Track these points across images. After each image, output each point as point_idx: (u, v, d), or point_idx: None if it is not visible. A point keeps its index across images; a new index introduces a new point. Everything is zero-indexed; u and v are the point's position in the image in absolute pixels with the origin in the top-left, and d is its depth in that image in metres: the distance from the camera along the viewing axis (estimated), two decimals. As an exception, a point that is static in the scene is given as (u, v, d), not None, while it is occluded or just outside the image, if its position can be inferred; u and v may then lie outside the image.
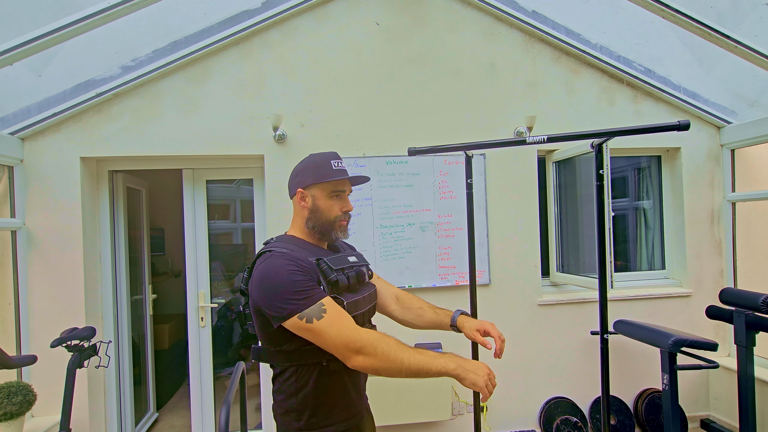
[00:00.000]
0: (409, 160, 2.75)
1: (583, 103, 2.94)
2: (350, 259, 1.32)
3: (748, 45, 2.28)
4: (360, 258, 1.39)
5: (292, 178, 1.32)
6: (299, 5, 2.64)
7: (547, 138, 1.74)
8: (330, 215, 1.27)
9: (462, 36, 2.83)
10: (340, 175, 1.27)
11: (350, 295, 1.25)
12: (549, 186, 3.08)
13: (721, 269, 3.06)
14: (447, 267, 2.78)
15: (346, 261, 1.30)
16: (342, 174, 1.28)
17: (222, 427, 1.46)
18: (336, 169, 1.28)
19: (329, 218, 1.27)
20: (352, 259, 1.33)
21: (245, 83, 2.64)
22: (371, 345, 1.08)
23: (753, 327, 2.34)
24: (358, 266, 1.33)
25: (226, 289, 3.36)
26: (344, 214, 1.30)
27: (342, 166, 1.30)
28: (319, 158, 1.30)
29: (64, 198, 2.47)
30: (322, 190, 1.27)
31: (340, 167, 1.29)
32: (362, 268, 1.32)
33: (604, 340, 1.83)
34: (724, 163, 3.05)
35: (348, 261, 1.30)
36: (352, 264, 1.31)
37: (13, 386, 2.09)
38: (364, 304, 1.30)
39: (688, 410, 2.96)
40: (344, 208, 1.30)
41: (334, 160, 1.29)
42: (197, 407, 2.86)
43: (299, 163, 1.33)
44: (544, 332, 2.88)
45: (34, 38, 1.92)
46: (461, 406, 2.80)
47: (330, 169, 1.27)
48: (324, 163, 1.28)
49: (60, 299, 2.44)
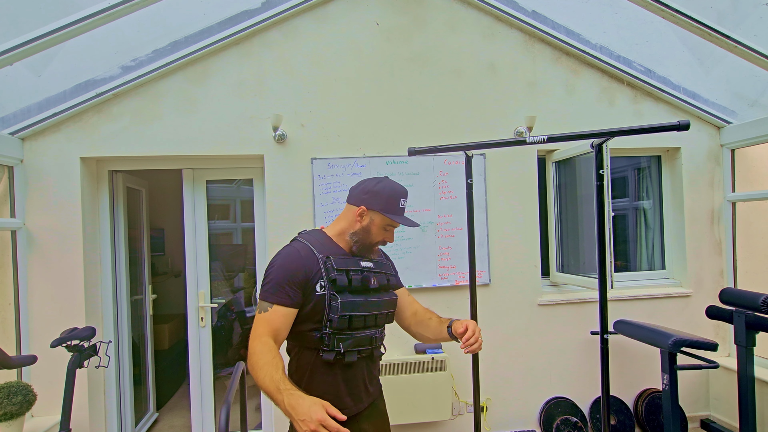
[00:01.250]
0: (409, 160, 2.75)
1: (583, 103, 2.94)
2: (363, 263, 1.39)
3: (748, 45, 2.28)
4: (381, 266, 1.45)
5: (362, 192, 1.40)
6: (299, 5, 2.64)
7: (547, 138, 1.74)
8: (375, 240, 1.40)
9: (462, 36, 2.83)
10: (401, 217, 1.40)
11: (350, 295, 1.31)
12: (549, 186, 3.08)
13: (721, 269, 3.06)
14: (447, 267, 2.78)
15: (357, 264, 1.37)
16: (402, 217, 1.41)
17: (222, 427, 1.46)
18: (400, 207, 1.41)
19: (372, 241, 1.40)
20: (366, 264, 1.39)
21: (245, 83, 2.64)
22: (252, 353, 1.18)
23: (753, 327, 2.34)
24: (370, 272, 1.38)
25: (226, 289, 3.36)
26: (383, 242, 1.42)
27: (405, 205, 1.42)
28: (391, 191, 1.39)
29: (64, 198, 2.47)
30: (382, 219, 1.39)
31: (403, 206, 1.42)
32: (370, 274, 1.37)
33: (604, 340, 1.83)
34: (724, 163, 3.05)
35: (359, 265, 1.37)
36: (362, 268, 1.37)
37: (13, 386, 2.08)
38: (368, 308, 1.34)
39: (688, 410, 2.96)
40: (388, 240, 1.42)
41: (403, 198, 1.41)
42: (197, 407, 2.86)
43: (374, 182, 1.40)
44: (544, 332, 2.88)
45: (34, 38, 1.92)
46: (461, 406, 2.80)
47: (397, 207, 1.40)
48: (395, 198, 1.40)
49: (60, 299, 2.44)
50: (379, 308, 1.38)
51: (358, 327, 1.33)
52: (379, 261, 1.47)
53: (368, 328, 1.36)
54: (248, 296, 3.56)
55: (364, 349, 1.36)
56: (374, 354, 1.44)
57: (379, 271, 1.42)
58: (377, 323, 1.39)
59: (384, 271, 1.44)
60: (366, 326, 1.35)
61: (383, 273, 1.43)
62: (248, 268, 3.54)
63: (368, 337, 1.36)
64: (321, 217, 2.67)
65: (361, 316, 1.32)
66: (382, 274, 1.42)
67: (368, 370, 1.42)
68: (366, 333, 1.35)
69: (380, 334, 1.43)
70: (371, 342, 1.37)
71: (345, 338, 1.31)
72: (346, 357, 1.31)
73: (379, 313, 1.38)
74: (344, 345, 1.30)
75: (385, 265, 1.48)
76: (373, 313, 1.35)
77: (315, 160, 2.68)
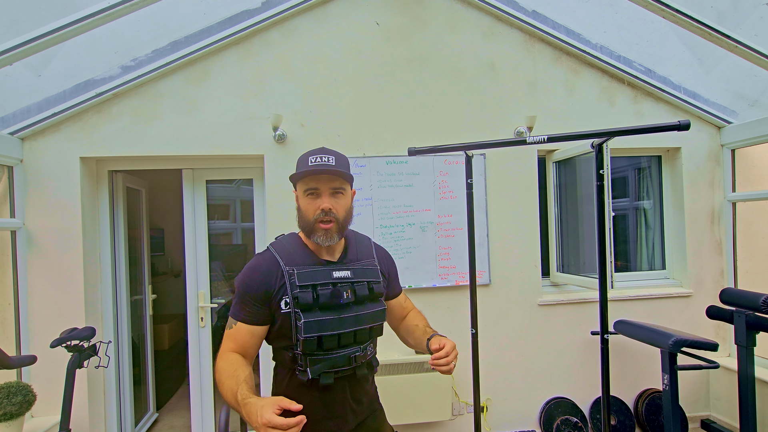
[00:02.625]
0: (409, 160, 2.75)
1: (583, 103, 2.94)
2: (336, 274, 1.21)
3: (748, 45, 2.27)
4: (364, 273, 1.26)
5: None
6: (299, 5, 2.63)
7: (547, 138, 1.74)
8: (308, 216, 1.20)
9: (462, 36, 2.83)
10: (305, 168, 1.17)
11: (319, 313, 1.16)
12: (549, 186, 3.08)
13: (721, 269, 3.05)
14: (447, 267, 2.77)
15: (327, 276, 1.20)
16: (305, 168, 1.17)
17: (222, 428, 1.45)
18: (309, 164, 1.17)
19: (308, 219, 1.20)
20: (340, 274, 1.21)
21: (245, 83, 2.64)
22: (216, 371, 1.15)
23: (753, 327, 2.33)
24: (346, 282, 1.21)
25: (226, 289, 3.36)
26: (323, 213, 1.17)
27: (324, 161, 1.18)
28: (302, 156, 1.23)
29: (63, 198, 2.46)
30: (300, 189, 1.22)
31: (316, 161, 1.17)
32: (343, 288, 1.19)
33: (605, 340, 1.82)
34: (724, 163, 3.05)
35: (330, 276, 1.20)
36: (335, 280, 1.20)
37: (13, 386, 2.08)
38: (342, 325, 1.18)
39: (689, 410, 2.96)
40: (320, 207, 1.17)
41: (313, 155, 1.19)
42: (197, 407, 2.85)
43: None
44: (545, 332, 2.87)
45: (34, 38, 1.92)
46: (461, 407, 2.80)
47: (304, 166, 1.19)
48: (304, 159, 1.21)
49: (60, 299, 2.44)
50: (357, 323, 1.21)
51: (331, 348, 1.18)
52: (362, 267, 1.27)
53: (345, 347, 1.20)
54: (248, 296, 3.55)
55: (341, 369, 1.21)
56: (357, 374, 1.25)
57: (358, 280, 1.23)
58: (357, 340, 1.22)
59: (367, 279, 1.25)
60: (341, 345, 1.19)
61: (364, 281, 1.24)
62: (248, 268, 3.53)
63: (346, 357, 1.20)
64: (321, 217, 2.67)
65: (333, 336, 1.17)
66: (362, 284, 1.23)
67: (351, 391, 1.25)
68: (342, 353, 1.20)
69: (363, 352, 1.24)
70: (350, 362, 1.21)
71: (316, 360, 1.17)
72: (321, 379, 1.18)
73: (358, 329, 1.21)
74: (315, 369, 1.16)
75: (369, 271, 1.27)
76: (349, 330, 1.19)
77: (315, 160, 2.67)
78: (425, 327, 1.38)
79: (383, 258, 1.39)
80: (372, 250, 1.36)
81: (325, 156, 1.19)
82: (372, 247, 1.37)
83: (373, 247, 1.38)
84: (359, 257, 1.31)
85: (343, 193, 1.23)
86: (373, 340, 1.31)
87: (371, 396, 1.36)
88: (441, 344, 1.20)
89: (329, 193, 1.20)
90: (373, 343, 1.31)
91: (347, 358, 1.21)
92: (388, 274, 1.38)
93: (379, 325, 1.29)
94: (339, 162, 1.21)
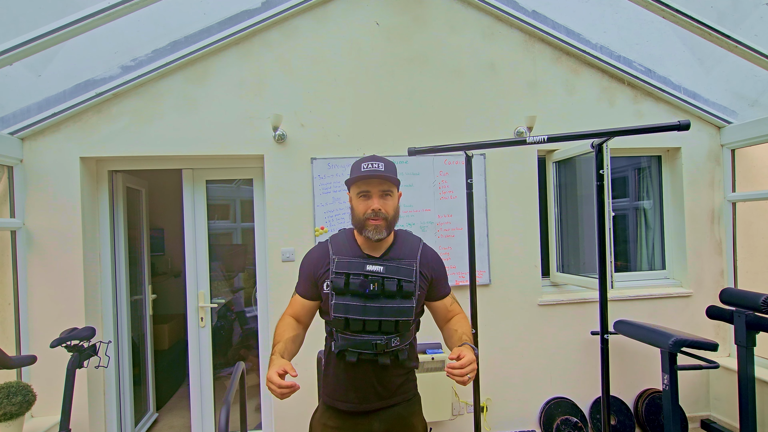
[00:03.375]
0: (409, 160, 2.75)
1: (583, 103, 2.94)
2: (370, 267, 1.36)
3: (748, 45, 2.27)
4: (397, 271, 1.37)
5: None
6: (299, 5, 2.63)
7: (547, 138, 1.74)
8: (360, 215, 1.37)
9: (462, 36, 2.83)
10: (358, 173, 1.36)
11: (347, 297, 1.35)
12: (549, 186, 3.08)
13: (721, 269, 3.05)
14: (447, 267, 2.76)
15: (361, 268, 1.36)
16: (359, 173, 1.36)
17: (222, 428, 1.45)
18: (363, 169, 1.36)
19: (359, 218, 1.37)
20: (374, 268, 1.36)
21: (245, 83, 2.64)
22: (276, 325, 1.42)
23: (753, 327, 2.34)
24: (376, 276, 1.35)
25: (226, 289, 3.36)
26: (372, 212, 1.34)
27: (375, 167, 1.36)
28: (356, 162, 1.41)
29: (63, 198, 2.46)
30: (353, 192, 1.40)
31: (369, 167, 1.36)
32: (370, 280, 1.34)
33: (605, 340, 1.83)
34: (724, 163, 3.05)
35: (363, 268, 1.36)
36: (367, 272, 1.36)
37: (13, 386, 2.08)
38: (367, 313, 1.33)
39: (689, 410, 2.96)
40: (371, 207, 1.35)
41: (366, 162, 1.38)
42: (197, 407, 2.85)
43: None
44: (544, 332, 2.87)
45: (34, 38, 1.92)
46: (461, 407, 2.80)
47: (359, 171, 1.37)
48: (357, 165, 1.39)
49: (60, 299, 2.44)
50: (381, 314, 1.33)
51: (356, 330, 1.34)
52: (397, 265, 1.38)
53: (369, 333, 1.34)
54: (248, 296, 3.55)
55: (365, 352, 1.35)
56: (379, 361, 1.36)
57: (390, 276, 1.35)
58: (382, 330, 1.34)
59: (398, 276, 1.36)
60: (366, 330, 1.34)
61: (395, 278, 1.35)
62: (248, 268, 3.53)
63: (369, 342, 1.34)
64: (321, 217, 2.67)
65: (359, 320, 1.33)
66: (392, 280, 1.35)
67: (377, 375, 1.39)
68: (366, 337, 1.34)
69: (386, 341, 1.35)
70: (372, 348, 1.34)
71: (343, 338, 1.37)
72: (346, 356, 1.36)
73: (384, 319, 1.34)
74: (339, 345, 1.37)
75: (403, 270, 1.38)
76: (374, 318, 1.33)
77: (315, 160, 2.68)
78: (462, 334, 1.41)
79: (430, 260, 1.47)
80: (417, 251, 1.45)
81: (375, 162, 1.37)
82: (418, 249, 1.46)
83: (419, 249, 1.46)
84: (402, 256, 1.42)
85: (391, 195, 1.40)
86: (402, 335, 1.39)
87: (402, 387, 1.46)
88: (459, 355, 1.23)
89: (379, 195, 1.37)
90: (400, 337, 1.38)
91: (371, 344, 1.35)
92: (431, 276, 1.46)
93: (406, 321, 1.37)
94: (387, 168, 1.39)
